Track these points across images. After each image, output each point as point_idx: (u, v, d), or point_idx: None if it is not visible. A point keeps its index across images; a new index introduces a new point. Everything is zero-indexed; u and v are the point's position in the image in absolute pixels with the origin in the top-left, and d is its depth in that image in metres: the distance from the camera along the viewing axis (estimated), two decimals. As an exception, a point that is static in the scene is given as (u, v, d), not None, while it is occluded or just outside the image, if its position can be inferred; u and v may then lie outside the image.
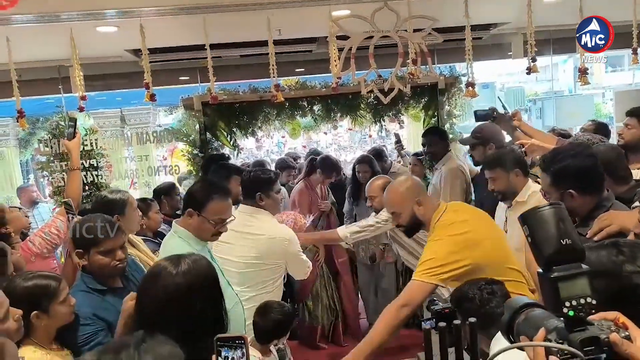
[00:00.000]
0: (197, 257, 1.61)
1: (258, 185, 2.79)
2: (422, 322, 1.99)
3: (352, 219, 4.61)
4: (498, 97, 3.61)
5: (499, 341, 1.63)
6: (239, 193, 3.03)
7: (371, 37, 3.39)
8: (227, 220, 2.36)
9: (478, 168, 3.84)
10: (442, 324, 1.68)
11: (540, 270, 1.04)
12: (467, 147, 3.85)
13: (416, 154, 5.03)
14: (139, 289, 1.62)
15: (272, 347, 2.41)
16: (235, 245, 2.69)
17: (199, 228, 2.29)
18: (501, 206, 2.97)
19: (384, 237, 3.80)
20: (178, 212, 4.36)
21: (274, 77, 3.59)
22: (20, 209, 3.97)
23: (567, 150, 2.09)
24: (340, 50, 3.43)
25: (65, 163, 4.29)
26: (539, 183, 2.51)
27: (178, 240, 2.30)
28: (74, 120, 3.27)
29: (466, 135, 4.09)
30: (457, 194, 4.00)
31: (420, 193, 2.42)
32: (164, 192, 4.24)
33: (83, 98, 3.52)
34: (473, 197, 4.13)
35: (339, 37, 3.52)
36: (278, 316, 2.35)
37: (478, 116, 3.38)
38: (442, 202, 2.44)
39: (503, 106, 3.30)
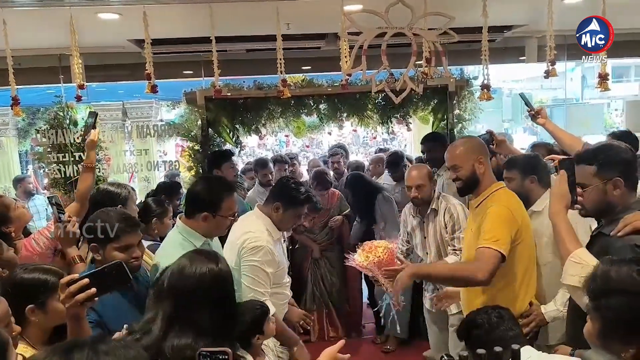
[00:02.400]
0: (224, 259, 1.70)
1: (282, 195, 2.63)
2: None
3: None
4: (520, 94, 3.45)
5: None
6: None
7: (384, 33, 3.25)
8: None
9: None
10: None
11: None
12: None
13: (418, 159, 4.92)
14: (169, 279, 1.63)
15: (265, 348, 2.35)
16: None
17: (216, 227, 2.30)
18: None
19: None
20: (177, 211, 4.22)
21: (281, 72, 3.45)
22: (16, 200, 3.85)
23: (611, 143, 2.09)
24: (352, 47, 3.29)
25: (63, 155, 4.19)
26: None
27: (178, 237, 2.27)
28: (95, 114, 3.10)
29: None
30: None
31: (484, 155, 2.46)
32: (166, 192, 4.04)
33: (81, 87, 3.39)
34: None
35: (350, 34, 3.38)
36: (247, 318, 2.24)
37: (482, 139, 3.33)
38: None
39: (527, 103, 3.16)
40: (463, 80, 4.83)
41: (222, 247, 2.59)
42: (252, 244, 2.49)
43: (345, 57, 3.37)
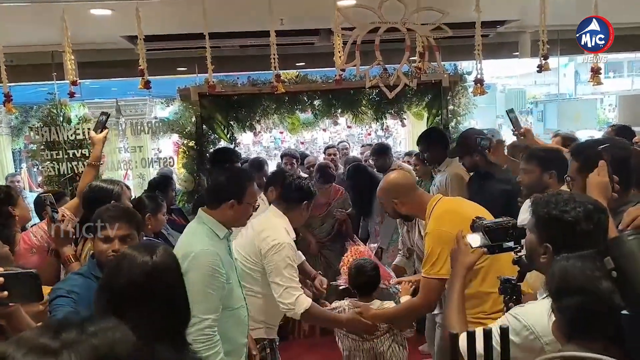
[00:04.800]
0: (168, 249, 1.61)
1: (305, 194, 2.77)
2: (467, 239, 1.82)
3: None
4: (507, 111, 3.48)
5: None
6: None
7: (377, 28, 3.25)
8: None
9: None
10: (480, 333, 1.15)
11: (626, 312, 0.92)
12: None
13: (418, 154, 4.90)
14: (105, 274, 1.55)
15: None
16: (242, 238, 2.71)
17: (241, 214, 2.34)
18: (525, 209, 2.83)
19: None
20: (172, 206, 4.20)
21: (275, 67, 3.45)
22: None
23: (600, 140, 2.06)
24: (345, 42, 3.29)
25: (57, 152, 4.17)
26: None
27: (204, 227, 2.30)
28: (107, 114, 3.08)
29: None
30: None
31: (401, 195, 2.49)
32: (158, 187, 4.00)
33: (74, 83, 3.37)
34: None
35: (343, 30, 3.38)
36: (369, 273, 2.72)
37: (482, 144, 3.42)
38: (439, 195, 2.58)
39: (513, 122, 3.22)
40: (457, 75, 4.83)
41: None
42: (275, 241, 2.56)
43: (339, 52, 3.37)
